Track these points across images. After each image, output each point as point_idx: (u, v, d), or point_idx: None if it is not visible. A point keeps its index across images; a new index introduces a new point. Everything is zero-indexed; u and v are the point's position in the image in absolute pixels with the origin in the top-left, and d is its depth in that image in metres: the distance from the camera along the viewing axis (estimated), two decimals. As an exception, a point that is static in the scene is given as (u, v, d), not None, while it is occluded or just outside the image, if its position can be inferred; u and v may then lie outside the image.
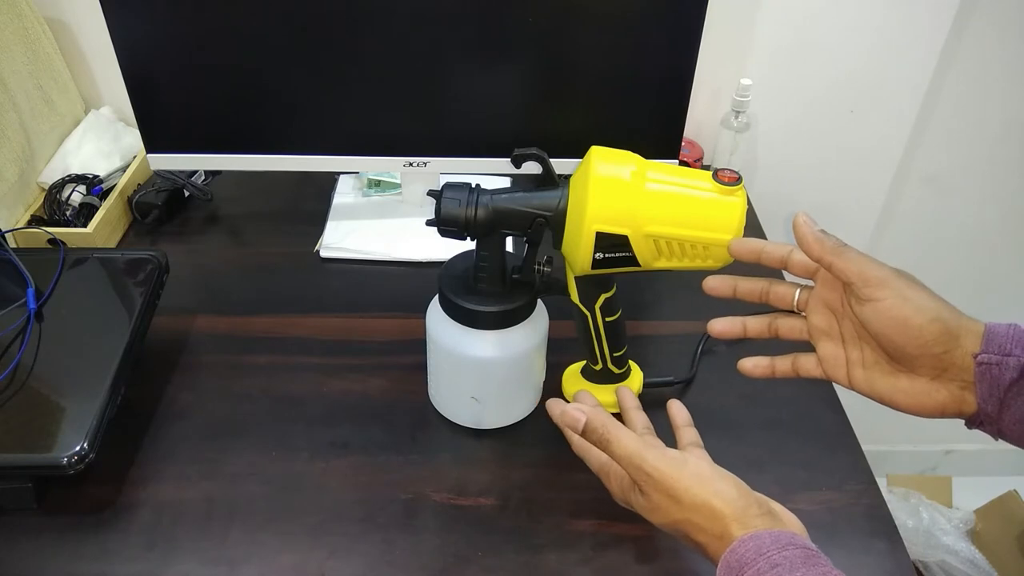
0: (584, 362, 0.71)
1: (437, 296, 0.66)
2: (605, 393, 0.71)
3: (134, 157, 1.00)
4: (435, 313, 0.66)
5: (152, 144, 0.84)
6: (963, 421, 0.46)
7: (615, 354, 0.68)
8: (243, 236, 0.96)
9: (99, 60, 1.04)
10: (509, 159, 0.60)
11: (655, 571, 0.60)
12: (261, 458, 0.68)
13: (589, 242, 0.57)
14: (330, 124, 0.83)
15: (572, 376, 0.73)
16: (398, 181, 0.98)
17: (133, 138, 1.02)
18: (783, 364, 0.54)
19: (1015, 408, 0.42)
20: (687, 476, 0.45)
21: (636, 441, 0.48)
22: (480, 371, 0.66)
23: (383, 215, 0.96)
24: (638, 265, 0.58)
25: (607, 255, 0.57)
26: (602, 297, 0.64)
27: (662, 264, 0.58)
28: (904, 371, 0.46)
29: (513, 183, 1.00)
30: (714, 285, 0.55)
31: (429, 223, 0.61)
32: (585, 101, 0.84)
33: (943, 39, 1.02)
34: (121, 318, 0.70)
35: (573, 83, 0.83)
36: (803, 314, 0.53)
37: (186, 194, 0.98)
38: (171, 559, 0.60)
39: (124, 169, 0.98)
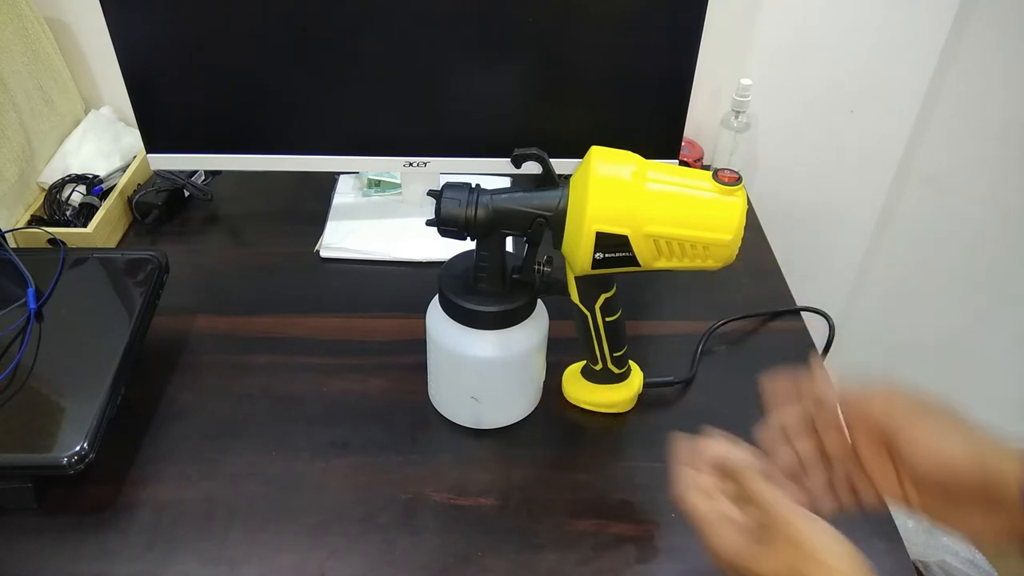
0: (584, 362, 0.71)
1: (437, 296, 0.66)
2: (605, 393, 0.71)
3: (134, 157, 1.00)
4: (435, 313, 0.66)
5: (152, 144, 0.84)
6: None
7: (615, 354, 0.68)
8: (243, 236, 0.96)
9: (99, 60, 1.04)
10: (509, 159, 0.60)
11: (655, 571, 0.60)
12: (261, 458, 0.68)
13: (589, 242, 0.57)
14: (330, 124, 0.83)
15: (572, 376, 0.73)
16: (398, 181, 0.98)
17: (133, 138, 1.02)
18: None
19: None
20: (824, 534, 0.41)
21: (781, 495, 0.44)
22: (480, 371, 0.65)
23: (383, 215, 0.96)
24: (638, 265, 0.58)
25: (607, 255, 0.58)
26: (602, 297, 0.64)
27: (662, 264, 0.58)
28: (951, 503, 0.44)
29: (513, 183, 1.00)
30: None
31: (429, 223, 0.61)
32: (585, 101, 0.84)
33: (943, 39, 1.02)
34: (121, 318, 0.70)
35: (573, 83, 0.83)
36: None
37: (186, 194, 0.98)
38: (171, 559, 0.60)
39: (124, 169, 0.98)
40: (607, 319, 0.65)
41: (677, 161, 0.87)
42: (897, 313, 1.34)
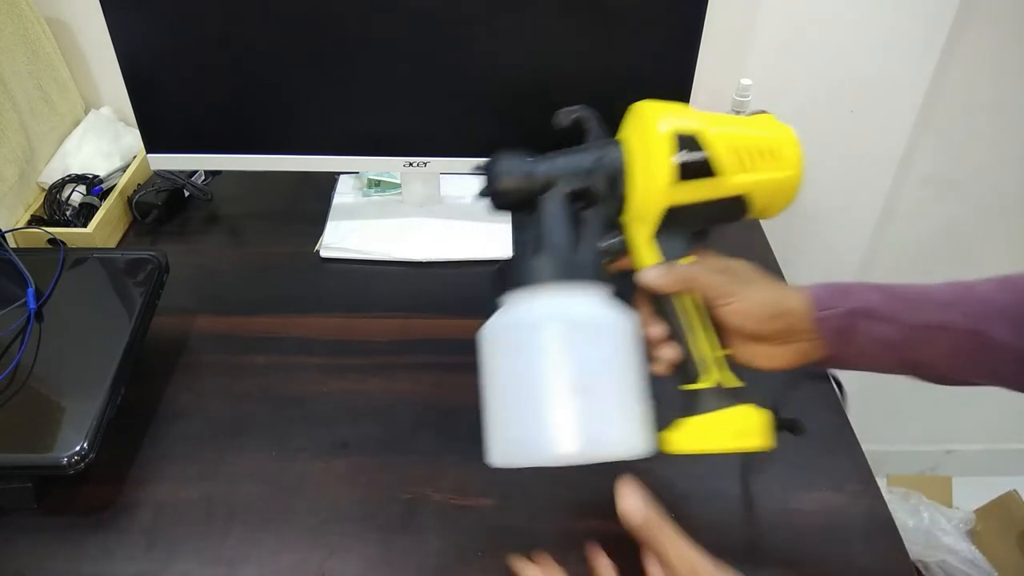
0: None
1: (495, 282, 0.52)
2: (732, 419, 0.51)
3: (134, 157, 1.00)
4: (499, 312, 0.51)
5: (152, 144, 0.84)
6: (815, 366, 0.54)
7: (719, 353, 0.53)
8: (243, 236, 0.96)
9: (99, 60, 1.04)
10: (553, 120, 0.55)
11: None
12: (261, 458, 0.68)
13: (665, 146, 0.51)
14: (330, 124, 0.83)
15: (671, 428, 0.53)
16: (398, 181, 0.98)
17: (133, 138, 1.02)
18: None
19: (852, 346, 0.51)
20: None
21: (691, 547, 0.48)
22: (582, 337, 0.47)
23: (383, 215, 0.96)
24: (715, 175, 0.52)
25: (686, 159, 0.51)
26: (687, 260, 0.54)
27: (739, 178, 0.52)
28: (757, 342, 0.53)
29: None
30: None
31: (483, 195, 0.54)
32: (586, 101, 0.84)
33: (943, 39, 1.02)
34: (121, 318, 0.70)
35: (573, 83, 0.83)
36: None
37: (186, 194, 0.98)
38: (171, 559, 0.60)
39: (124, 169, 0.98)
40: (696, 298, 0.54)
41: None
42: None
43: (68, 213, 0.91)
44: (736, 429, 0.52)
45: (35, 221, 0.90)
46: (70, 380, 0.65)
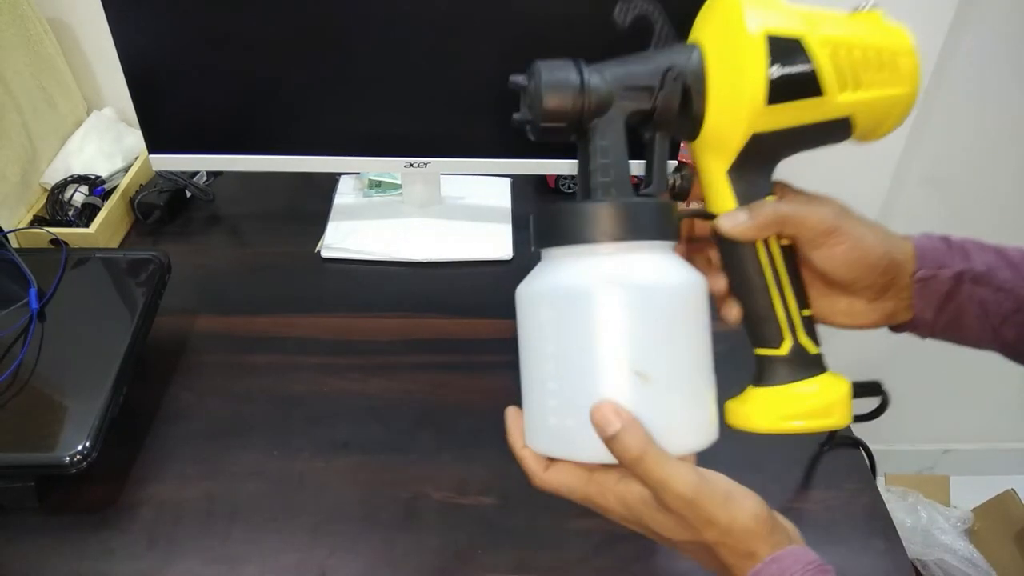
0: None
1: (539, 227, 0.43)
2: (811, 394, 0.44)
3: (136, 158, 1.01)
4: (550, 264, 0.42)
5: (154, 145, 0.84)
6: (892, 331, 0.49)
7: (804, 312, 0.45)
8: (245, 236, 0.96)
9: (101, 61, 1.04)
10: (615, 11, 0.45)
11: (654, 570, 0.60)
12: (262, 457, 0.68)
13: (759, 54, 0.40)
14: (331, 125, 0.84)
15: (741, 400, 0.47)
16: (398, 182, 0.98)
17: (135, 139, 1.02)
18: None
19: (948, 311, 0.46)
20: (719, 496, 0.40)
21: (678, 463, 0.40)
22: (649, 309, 0.39)
23: (384, 215, 0.96)
24: (820, 94, 0.42)
25: (785, 69, 0.41)
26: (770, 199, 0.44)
27: (847, 96, 0.43)
28: (843, 294, 0.47)
29: (513, 184, 1.01)
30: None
31: (519, 122, 0.45)
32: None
33: (942, 39, 1.02)
34: (123, 318, 0.70)
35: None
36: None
37: (188, 195, 0.98)
38: (172, 558, 0.60)
39: (126, 170, 0.98)
40: (783, 241, 0.45)
41: (677, 162, 0.88)
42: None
43: (70, 213, 0.91)
44: (815, 406, 0.44)
45: (37, 221, 0.91)
46: (72, 380, 0.65)
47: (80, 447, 0.59)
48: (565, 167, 0.87)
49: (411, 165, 0.86)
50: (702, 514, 0.40)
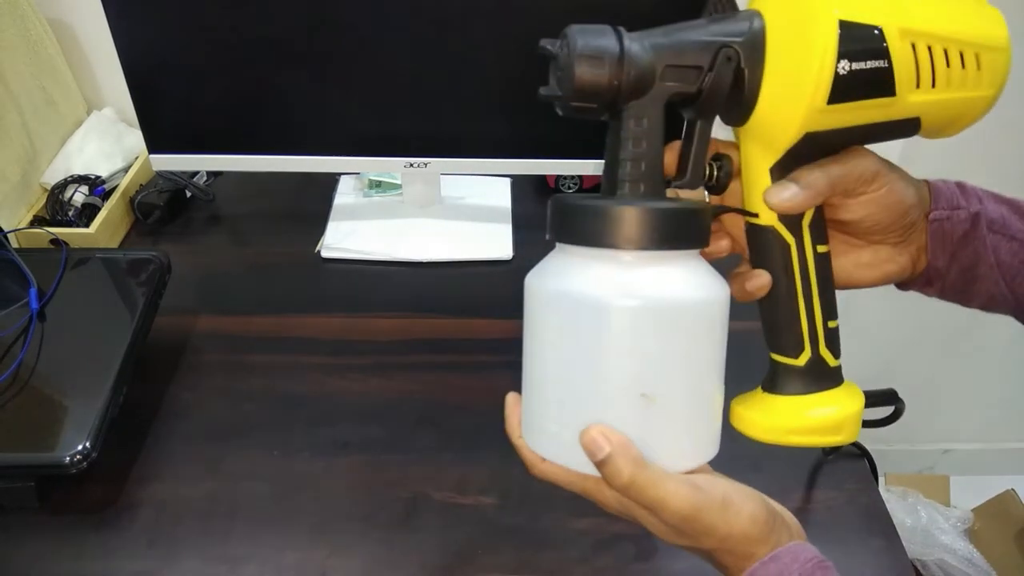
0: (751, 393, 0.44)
1: (561, 219, 0.39)
2: (823, 408, 0.42)
3: (136, 158, 1.01)
4: (555, 261, 0.39)
5: (154, 145, 0.84)
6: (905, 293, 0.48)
7: (830, 324, 0.42)
8: (245, 236, 0.96)
9: (101, 61, 1.04)
10: None
11: (655, 570, 0.60)
12: (262, 457, 0.68)
13: (829, 42, 0.35)
14: (331, 125, 0.84)
15: (749, 401, 0.45)
16: (399, 182, 0.98)
17: (135, 139, 1.02)
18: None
19: (961, 259, 0.43)
20: (716, 504, 0.39)
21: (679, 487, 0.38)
22: (656, 325, 0.36)
23: (384, 215, 0.96)
24: (892, 94, 0.37)
25: (855, 65, 0.35)
26: (812, 209, 0.40)
27: (920, 96, 0.38)
28: (868, 244, 0.45)
29: (513, 184, 1.01)
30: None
31: (545, 95, 0.39)
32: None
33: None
34: (123, 318, 0.70)
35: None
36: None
37: (188, 195, 0.98)
38: (173, 558, 0.60)
39: (126, 170, 0.98)
40: (819, 249, 0.41)
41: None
42: (897, 312, 1.34)
43: (70, 213, 0.91)
44: (825, 422, 0.42)
45: (37, 221, 0.91)
46: (72, 380, 0.65)
47: (80, 447, 0.59)
48: (565, 167, 0.87)
49: (411, 165, 0.86)
50: (699, 526, 0.39)
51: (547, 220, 0.39)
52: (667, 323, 0.36)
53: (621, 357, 0.36)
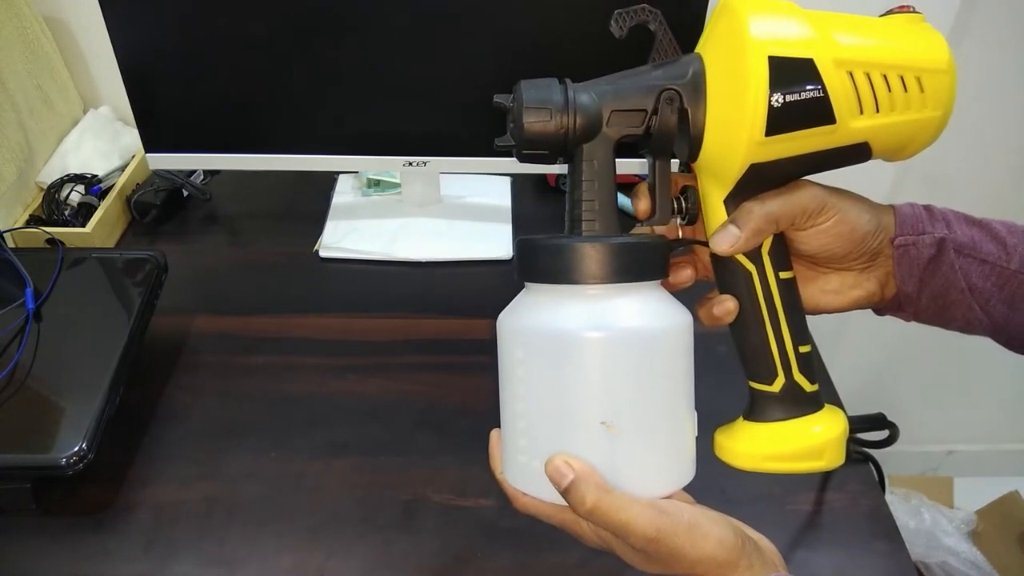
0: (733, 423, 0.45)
1: (520, 263, 0.41)
2: (802, 434, 0.42)
3: (133, 157, 1.00)
4: (524, 302, 0.41)
5: (151, 143, 0.84)
6: (880, 314, 0.47)
7: (801, 349, 0.42)
8: (242, 236, 0.96)
9: (98, 60, 1.03)
10: (610, 22, 0.42)
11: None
12: (260, 458, 0.67)
13: (760, 77, 0.37)
14: (329, 124, 0.83)
15: (732, 431, 0.45)
16: (397, 181, 0.97)
17: (132, 138, 1.01)
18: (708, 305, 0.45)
19: (932, 285, 0.43)
20: (683, 528, 0.39)
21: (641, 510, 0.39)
22: (611, 356, 0.38)
23: (382, 215, 0.95)
24: (832, 122, 0.38)
25: (789, 97, 0.37)
26: (770, 237, 0.42)
27: (863, 122, 0.39)
28: (832, 271, 0.45)
29: (513, 183, 1.00)
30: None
31: (502, 146, 0.42)
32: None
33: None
34: (120, 318, 0.70)
35: (580, 77, 0.82)
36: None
37: (185, 194, 0.98)
38: (170, 560, 0.60)
39: (123, 169, 0.98)
40: (782, 275, 0.42)
41: (677, 164, 0.87)
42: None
43: (67, 213, 0.90)
44: (805, 447, 0.42)
45: (33, 221, 0.90)
46: (69, 380, 0.65)
47: (77, 448, 0.58)
48: (565, 167, 0.87)
49: (410, 164, 0.86)
50: (666, 548, 0.39)
51: (513, 263, 0.41)
52: (628, 352, 0.38)
53: (585, 387, 0.38)
